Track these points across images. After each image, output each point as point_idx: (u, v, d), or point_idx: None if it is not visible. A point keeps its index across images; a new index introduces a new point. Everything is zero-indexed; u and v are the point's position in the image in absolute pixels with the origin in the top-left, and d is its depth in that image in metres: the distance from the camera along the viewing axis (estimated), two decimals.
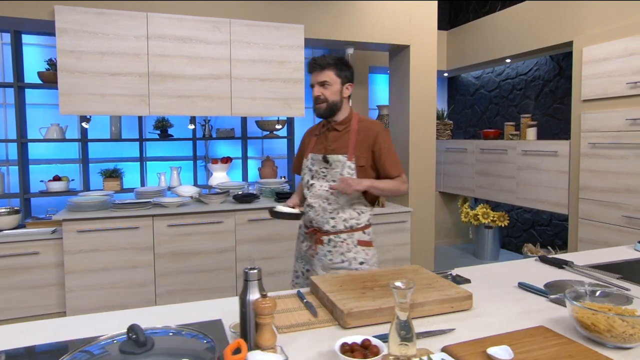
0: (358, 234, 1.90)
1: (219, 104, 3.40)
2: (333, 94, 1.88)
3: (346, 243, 1.88)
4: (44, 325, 1.38)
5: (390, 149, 1.91)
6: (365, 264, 1.89)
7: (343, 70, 1.90)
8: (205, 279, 3.35)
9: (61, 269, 3.12)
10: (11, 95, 4.13)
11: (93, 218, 3.08)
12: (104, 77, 3.14)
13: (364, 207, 1.92)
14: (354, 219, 1.89)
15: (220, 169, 4.57)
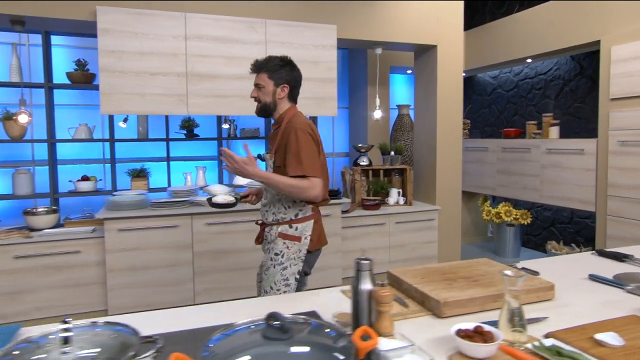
0: (282, 227, 1.97)
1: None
2: (266, 95, 1.99)
3: (270, 234, 2.01)
4: (166, 314, 1.41)
5: (296, 150, 1.86)
6: (280, 255, 1.96)
7: (278, 73, 1.97)
8: (242, 277, 3.38)
9: (102, 268, 3.14)
10: (40, 96, 4.14)
11: (133, 217, 3.10)
12: (143, 77, 3.17)
13: (291, 203, 1.96)
14: (280, 213, 1.98)
15: None
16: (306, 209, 1.99)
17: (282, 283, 1.94)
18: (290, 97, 2.04)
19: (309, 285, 2.08)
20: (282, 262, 1.95)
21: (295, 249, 1.96)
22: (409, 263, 4.00)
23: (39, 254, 3.01)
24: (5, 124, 3.85)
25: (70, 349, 0.79)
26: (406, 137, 4.87)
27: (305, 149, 1.87)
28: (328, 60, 3.63)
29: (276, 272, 1.95)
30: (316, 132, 2.00)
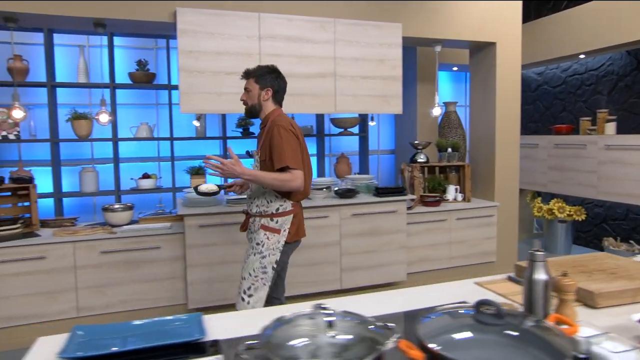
0: (264, 220, 2.19)
1: (324, 101, 3.49)
2: (252, 98, 2.27)
3: (254, 225, 2.23)
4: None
5: (280, 144, 2.09)
6: (260, 245, 2.17)
7: (263, 78, 2.25)
8: (312, 272, 3.44)
9: (180, 263, 3.22)
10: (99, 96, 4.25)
11: (212, 213, 3.18)
12: (220, 76, 3.24)
13: (273, 198, 2.18)
14: (263, 206, 2.19)
15: None
16: (286, 204, 2.19)
17: (260, 270, 2.16)
18: (275, 100, 2.29)
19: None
20: (262, 251, 2.17)
21: (275, 240, 2.17)
22: (469, 259, 4.03)
23: (122, 249, 3.10)
24: (74, 124, 3.96)
25: (336, 333, 0.85)
26: (454, 134, 4.89)
27: (287, 144, 2.09)
28: (393, 58, 3.67)
29: (256, 260, 2.17)
30: (297, 130, 2.21)
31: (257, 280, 2.16)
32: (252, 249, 2.19)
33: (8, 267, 2.92)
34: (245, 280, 2.17)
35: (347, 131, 4.78)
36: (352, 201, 3.52)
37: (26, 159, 4.19)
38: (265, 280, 2.17)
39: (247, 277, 2.17)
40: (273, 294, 2.36)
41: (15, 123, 3.92)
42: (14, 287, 2.93)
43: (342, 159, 4.81)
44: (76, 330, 1.20)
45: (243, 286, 2.19)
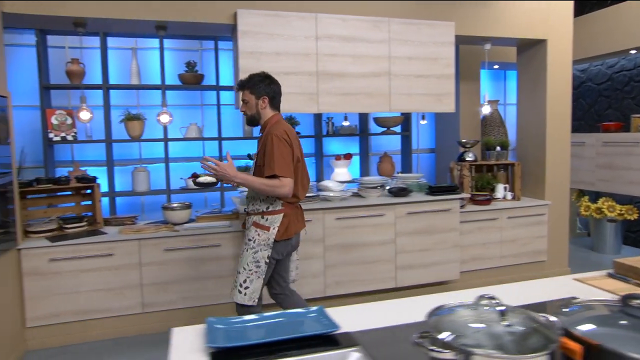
0: (256, 217, 2.34)
1: (379, 100, 3.51)
2: (250, 108, 2.39)
3: (248, 221, 2.39)
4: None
5: (272, 152, 2.21)
6: (252, 241, 2.32)
7: (257, 87, 2.37)
8: (368, 270, 3.46)
9: (236, 261, 3.27)
10: (148, 97, 4.34)
11: None
12: (279, 77, 3.24)
13: (264, 197, 2.32)
14: (256, 205, 2.35)
15: (343, 165, 4.69)
16: (276, 204, 2.33)
17: (253, 264, 2.31)
18: (272, 106, 2.41)
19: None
20: (254, 247, 2.31)
21: (265, 237, 2.30)
22: (519, 258, 4.00)
23: (184, 247, 3.17)
24: (127, 124, 4.06)
25: (510, 322, 0.87)
26: (496, 133, 4.85)
27: (279, 153, 2.21)
28: (446, 57, 3.67)
29: (249, 255, 2.31)
30: (292, 137, 2.33)
31: (252, 273, 2.30)
32: (245, 245, 2.34)
33: (78, 263, 3.01)
34: (240, 274, 2.32)
35: (390, 130, 4.79)
36: (406, 200, 3.53)
37: (77, 159, 4.30)
38: (259, 274, 2.31)
39: (242, 271, 2.32)
40: (274, 290, 2.53)
41: (72, 124, 4.04)
42: (84, 282, 3.02)
43: (385, 158, 4.82)
44: (212, 322, 1.25)
45: (239, 280, 2.33)
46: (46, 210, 3.40)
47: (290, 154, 2.27)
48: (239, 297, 2.32)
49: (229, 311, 3.27)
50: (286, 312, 1.31)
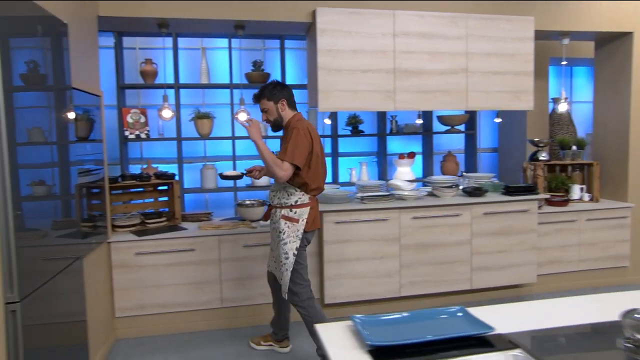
0: (284, 210, 2.49)
1: (456, 98, 3.44)
2: (272, 114, 2.56)
3: (276, 215, 2.52)
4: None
5: (289, 141, 2.41)
6: (282, 233, 2.47)
7: (273, 94, 2.53)
8: (443, 271, 3.40)
9: (315, 258, 3.28)
10: (220, 96, 4.42)
11: (348, 210, 3.21)
12: (356, 74, 3.27)
13: (293, 191, 2.49)
14: (284, 198, 2.50)
15: (406, 164, 4.63)
16: (304, 198, 2.49)
17: (283, 257, 2.46)
18: (290, 107, 2.57)
19: None
20: (284, 239, 2.45)
21: (294, 229, 2.45)
22: (599, 262, 3.83)
23: (262, 244, 3.20)
24: (197, 123, 4.15)
25: None
26: (565, 131, 4.66)
27: (295, 143, 2.38)
28: (525, 53, 3.55)
29: (279, 247, 2.47)
30: (313, 134, 2.49)
31: (282, 266, 2.46)
32: (278, 238, 2.48)
33: (161, 257, 3.10)
34: (276, 264, 2.49)
35: (454, 129, 4.69)
36: (482, 200, 3.44)
37: (145, 156, 4.44)
38: (287, 266, 2.45)
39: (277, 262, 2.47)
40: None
41: (145, 123, 4.17)
42: (166, 276, 3.11)
43: (449, 157, 4.72)
44: (358, 319, 1.24)
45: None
46: (126, 205, 3.52)
47: (306, 147, 2.42)
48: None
49: None
50: (429, 311, 1.29)
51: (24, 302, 1.70)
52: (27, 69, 1.86)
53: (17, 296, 1.67)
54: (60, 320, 2.09)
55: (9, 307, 1.66)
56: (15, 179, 1.69)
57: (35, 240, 1.88)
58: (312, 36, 3.35)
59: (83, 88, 2.58)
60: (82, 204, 2.50)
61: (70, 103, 2.28)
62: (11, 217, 1.65)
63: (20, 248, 1.70)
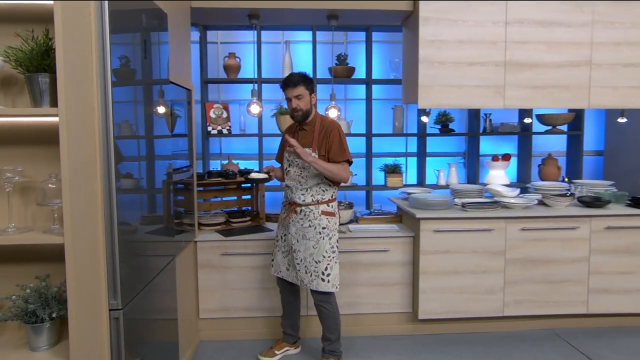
0: (323, 206, 2.50)
1: (575, 94, 3.01)
2: (305, 104, 2.47)
3: (313, 212, 2.48)
4: None
5: (337, 142, 2.44)
6: (327, 229, 2.48)
7: (309, 84, 2.47)
8: (554, 291, 2.99)
9: (408, 268, 3.01)
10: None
11: (448, 218, 2.91)
12: (461, 68, 2.95)
13: (327, 187, 2.52)
14: (319, 195, 2.50)
15: (500, 167, 4.21)
16: (335, 192, 2.57)
17: (331, 251, 2.47)
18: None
19: None
20: (328, 233, 2.47)
21: (333, 222, 2.52)
22: None
23: (353, 250, 2.98)
24: (279, 119, 4.00)
25: None
26: None
27: (343, 142, 2.47)
28: None
29: (325, 242, 2.46)
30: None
31: (331, 259, 2.46)
32: (320, 234, 2.45)
33: (246, 259, 2.97)
34: (321, 262, 2.44)
35: (556, 129, 4.21)
36: (603, 212, 2.99)
37: (225, 152, 4.36)
38: (336, 258, 2.50)
39: (322, 260, 2.44)
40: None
41: (227, 118, 4.08)
42: (251, 279, 2.97)
43: (549, 160, 4.25)
44: None
45: (319, 269, 2.45)
46: (211, 203, 3.43)
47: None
48: (323, 285, 2.45)
49: (395, 321, 3.04)
50: None
51: (125, 309, 1.59)
52: (125, 62, 1.75)
53: (120, 303, 1.56)
54: (156, 317, 2.00)
55: (112, 314, 1.55)
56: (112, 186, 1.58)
57: (135, 237, 1.77)
58: (411, 26, 3.07)
59: (178, 82, 2.48)
60: (171, 201, 2.41)
61: (161, 97, 2.16)
62: (116, 224, 1.53)
63: (123, 253, 1.58)
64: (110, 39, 1.49)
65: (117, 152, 1.55)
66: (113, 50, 1.51)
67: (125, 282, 1.58)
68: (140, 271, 1.78)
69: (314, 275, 2.45)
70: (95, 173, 1.48)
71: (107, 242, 1.52)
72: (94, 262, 1.47)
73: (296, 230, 2.51)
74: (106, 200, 1.51)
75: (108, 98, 1.50)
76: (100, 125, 1.49)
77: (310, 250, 2.45)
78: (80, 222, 1.38)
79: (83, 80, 1.42)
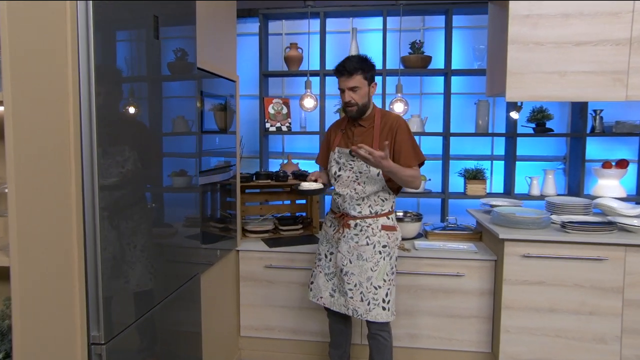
0: (382, 219, 2.08)
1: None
2: (362, 97, 2.02)
3: (371, 227, 2.06)
4: None
5: (408, 142, 2.03)
6: (387, 247, 2.06)
7: (369, 72, 2.01)
8: None
9: (487, 299, 2.44)
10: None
11: (544, 241, 2.28)
12: (566, 49, 2.30)
13: (387, 195, 2.10)
14: (378, 206, 2.08)
15: (613, 176, 3.39)
16: (394, 201, 2.15)
17: (391, 273, 2.06)
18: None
19: None
20: (389, 252, 2.06)
21: (394, 238, 2.10)
22: None
23: (418, 272, 2.48)
24: (343, 115, 3.58)
25: None
26: None
27: (414, 140, 2.07)
28: None
29: (386, 263, 2.04)
30: None
31: (391, 283, 2.07)
32: (380, 254, 2.05)
33: (292, 274, 2.60)
34: (381, 288, 2.03)
35: None
36: None
37: (287, 151, 4.04)
38: (395, 281, 2.11)
39: (383, 285, 2.03)
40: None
41: (287, 114, 3.76)
42: (298, 296, 2.60)
43: None
44: None
45: (379, 296, 2.03)
46: (261, 207, 3.11)
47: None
48: (383, 315, 2.03)
49: (468, 358, 2.48)
50: None
51: (112, 343, 1.27)
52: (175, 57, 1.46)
53: (102, 336, 1.24)
54: (165, 346, 1.68)
55: (94, 350, 1.24)
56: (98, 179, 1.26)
57: (126, 254, 1.46)
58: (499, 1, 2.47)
59: (214, 70, 2.17)
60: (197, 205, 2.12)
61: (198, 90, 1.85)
62: (99, 237, 1.22)
63: (112, 270, 1.27)
64: (93, 7, 1.18)
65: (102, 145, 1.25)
66: (97, 22, 1.20)
67: (113, 308, 1.27)
68: (139, 295, 1.47)
69: (372, 304, 2.02)
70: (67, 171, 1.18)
71: (90, 257, 1.22)
72: (63, 283, 1.17)
73: (349, 248, 2.07)
74: (89, 205, 1.21)
75: (91, 82, 1.20)
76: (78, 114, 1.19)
77: (368, 273, 2.02)
78: (42, 236, 1.08)
79: (48, 56, 1.12)
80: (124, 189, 1.36)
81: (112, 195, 1.29)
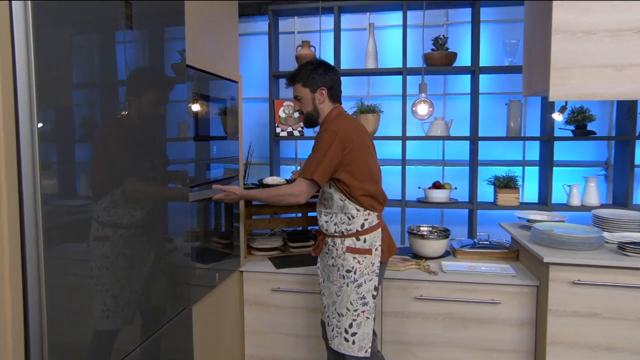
0: (349, 241, 1.86)
1: None
2: (306, 105, 1.94)
3: (336, 248, 1.88)
4: None
5: (312, 153, 1.83)
6: (353, 272, 1.83)
7: (311, 78, 1.90)
8: None
9: (528, 330, 2.10)
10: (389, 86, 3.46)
11: (596, 266, 1.92)
12: (623, 38, 1.95)
13: (355, 212, 1.85)
14: (344, 224, 1.86)
15: None
16: (372, 217, 1.87)
17: (359, 302, 1.83)
18: (331, 98, 1.94)
19: None
20: (356, 279, 1.83)
21: (368, 263, 1.85)
22: None
23: (445, 299, 2.15)
24: (360, 118, 3.27)
25: None
26: None
27: (321, 154, 1.78)
28: None
29: (351, 291, 1.83)
30: (355, 137, 1.83)
31: (358, 314, 1.83)
32: (343, 279, 1.84)
33: (300, 298, 2.31)
34: (344, 317, 1.84)
35: None
36: None
37: (300, 157, 3.78)
38: (368, 313, 1.84)
39: (346, 314, 1.83)
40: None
41: (300, 119, 3.47)
42: (307, 324, 2.30)
43: None
44: None
45: (342, 325, 1.84)
46: (270, 220, 2.82)
47: (335, 159, 1.78)
48: (346, 347, 1.83)
49: None
50: None
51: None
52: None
53: None
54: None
55: None
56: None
57: (79, 282, 1.18)
58: None
59: (209, 69, 1.90)
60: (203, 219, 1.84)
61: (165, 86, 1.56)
62: (42, 262, 0.94)
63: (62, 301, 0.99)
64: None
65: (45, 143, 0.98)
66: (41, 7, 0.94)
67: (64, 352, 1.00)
68: (104, 342, 1.19)
69: (335, 331, 1.87)
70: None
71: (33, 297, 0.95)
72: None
73: (322, 267, 1.98)
74: (29, 225, 0.94)
75: (30, 76, 0.93)
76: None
77: (334, 297, 1.88)
78: None
79: None
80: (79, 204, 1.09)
81: (60, 213, 1.02)
